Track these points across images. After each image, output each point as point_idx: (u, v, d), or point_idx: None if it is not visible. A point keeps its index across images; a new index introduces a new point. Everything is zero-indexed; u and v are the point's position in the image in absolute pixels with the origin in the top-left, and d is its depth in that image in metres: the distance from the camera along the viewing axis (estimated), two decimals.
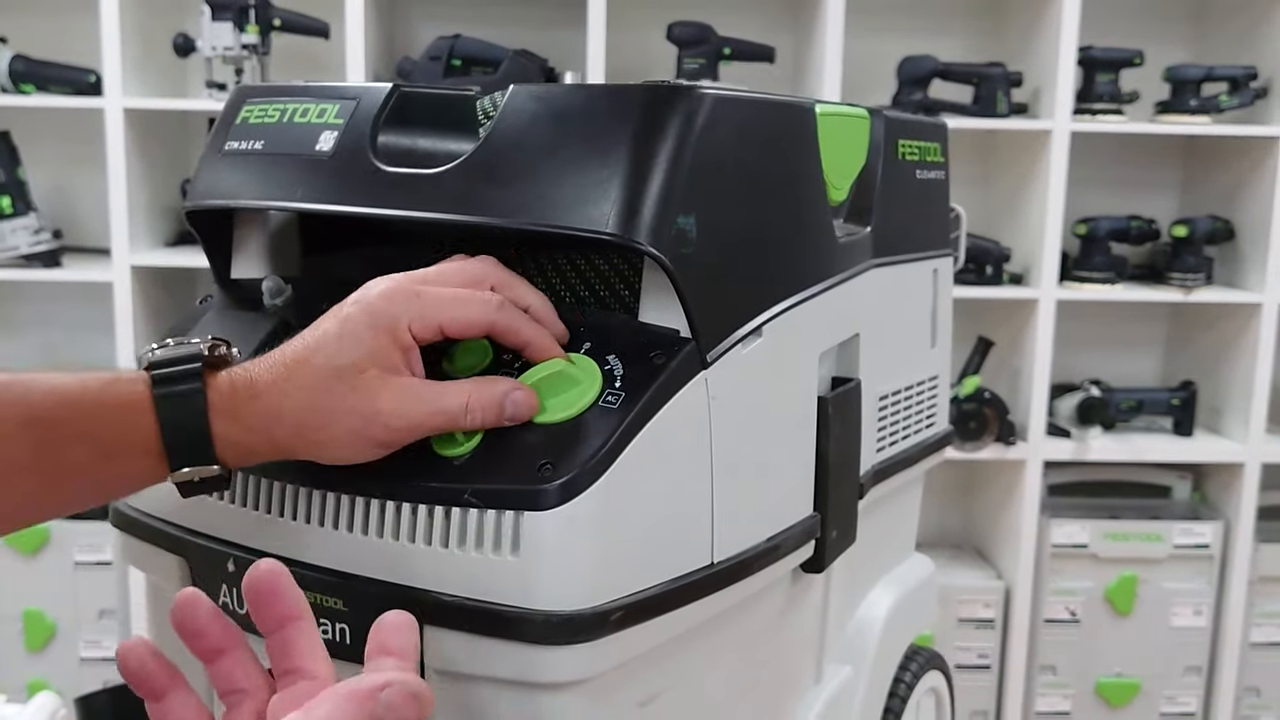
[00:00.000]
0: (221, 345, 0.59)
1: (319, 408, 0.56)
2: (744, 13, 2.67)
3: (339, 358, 0.57)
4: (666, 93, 0.61)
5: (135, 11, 2.40)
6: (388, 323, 0.57)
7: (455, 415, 0.58)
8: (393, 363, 0.57)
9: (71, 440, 0.55)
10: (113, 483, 0.58)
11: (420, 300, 0.58)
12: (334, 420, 0.57)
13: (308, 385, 0.56)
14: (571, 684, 0.58)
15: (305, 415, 0.56)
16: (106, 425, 0.56)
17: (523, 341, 0.61)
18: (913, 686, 0.91)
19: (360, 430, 0.57)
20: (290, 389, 0.56)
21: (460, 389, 0.59)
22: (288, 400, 0.56)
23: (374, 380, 0.57)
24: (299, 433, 0.57)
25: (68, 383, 0.56)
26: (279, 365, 0.57)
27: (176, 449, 0.56)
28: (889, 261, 0.82)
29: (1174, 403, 2.66)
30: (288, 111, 0.70)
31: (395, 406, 0.57)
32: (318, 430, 0.57)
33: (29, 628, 2.52)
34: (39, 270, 2.48)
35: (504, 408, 0.59)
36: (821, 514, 0.73)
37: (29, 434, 0.55)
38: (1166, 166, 2.81)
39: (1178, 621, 2.61)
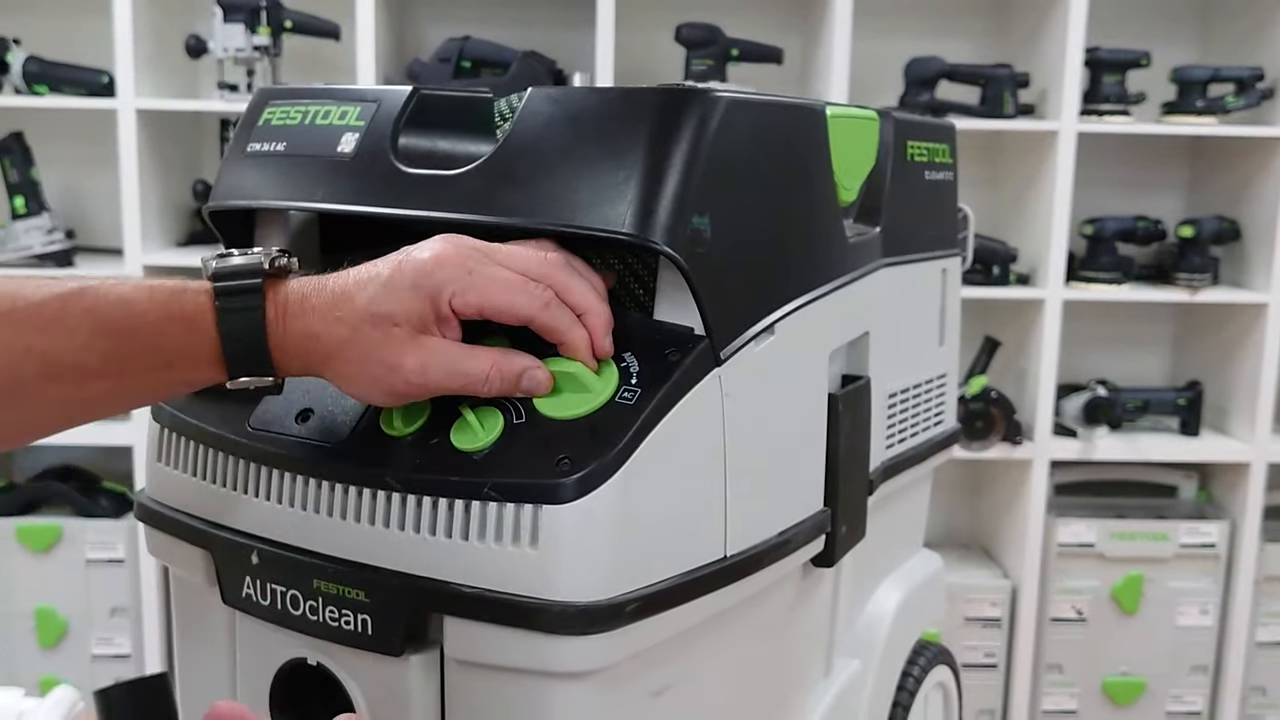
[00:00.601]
0: (282, 257, 0.61)
1: (351, 344, 0.59)
2: (752, 14, 2.68)
3: (377, 304, 0.59)
4: (681, 96, 0.63)
5: (148, 13, 2.42)
6: (430, 288, 0.59)
7: (476, 380, 0.60)
8: (426, 324, 0.59)
9: (140, 350, 0.59)
10: (175, 386, 0.62)
11: (470, 278, 0.60)
12: (361, 361, 0.59)
13: (346, 320, 0.59)
14: (587, 673, 0.59)
15: (336, 348, 0.59)
16: (172, 336, 0.59)
17: (562, 344, 0.62)
18: (921, 680, 0.92)
19: (382, 378, 0.60)
20: (330, 318, 0.59)
21: (486, 356, 0.60)
22: (326, 328, 0.59)
23: (403, 335, 0.59)
24: (330, 362, 0.60)
25: (137, 294, 0.59)
26: (328, 292, 0.60)
27: (236, 359, 0.60)
28: (898, 261, 0.83)
29: (1180, 402, 2.66)
30: (309, 114, 0.72)
31: (419, 364, 0.59)
32: (345, 364, 0.60)
33: (41, 625, 2.54)
34: (52, 270, 2.50)
35: (521, 381, 0.61)
36: (832, 509, 0.74)
37: (101, 342, 0.58)
38: (1173, 167, 2.81)
39: (1184, 621, 2.62)
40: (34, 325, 0.58)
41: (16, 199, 2.49)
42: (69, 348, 0.58)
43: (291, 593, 0.64)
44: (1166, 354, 2.89)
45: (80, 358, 0.58)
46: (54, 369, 0.58)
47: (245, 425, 0.66)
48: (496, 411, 0.61)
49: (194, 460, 0.69)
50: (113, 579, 2.54)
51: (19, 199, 2.49)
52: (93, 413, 0.62)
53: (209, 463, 0.68)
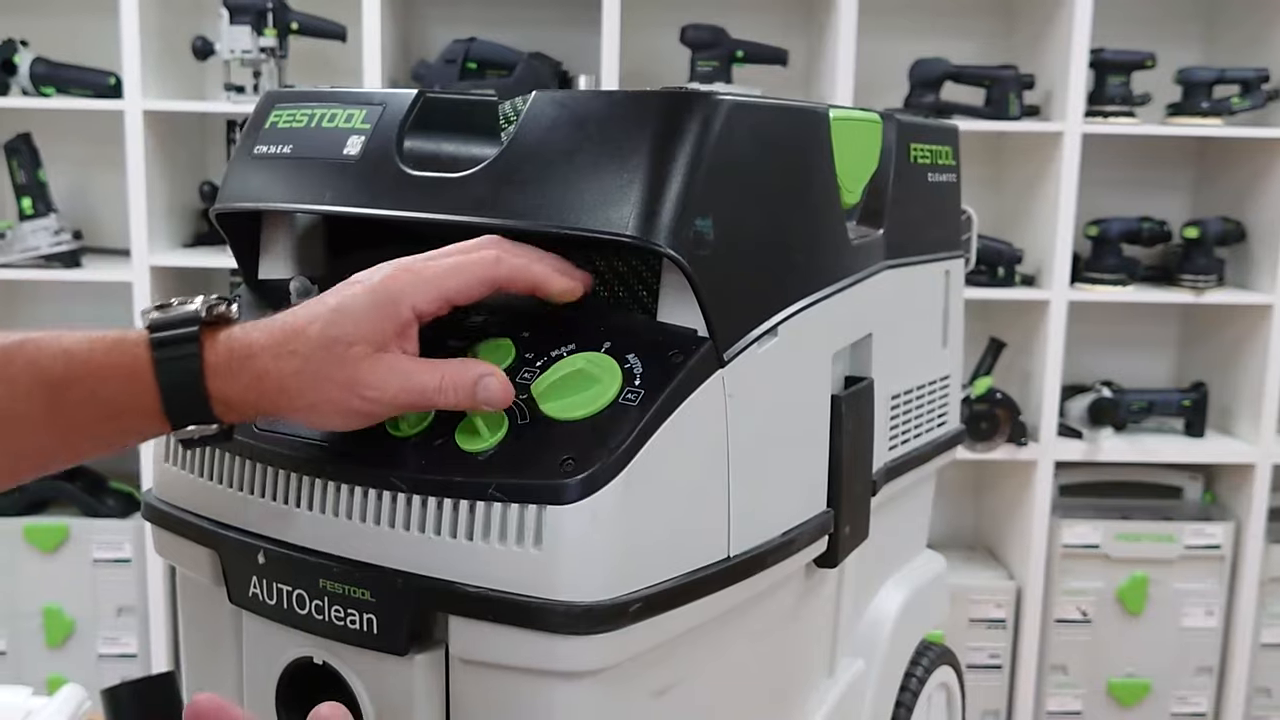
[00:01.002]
0: (220, 305, 0.61)
1: (305, 373, 0.59)
2: (757, 15, 2.68)
3: (331, 329, 0.59)
4: (684, 99, 0.63)
5: (155, 15, 2.42)
6: (387, 301, 0.60)
7: (429, 392, 0.60)
8: (383, 340, 0.59)
9: (81, 401, 0.58)
10: (120, 437, 0.61)
11: (420, 276, 0.61)
12: (318, 388, 0.59)
13: (299, 352, 0.59)
14: (590, 673, 0.60)
15: (292, 380, 0.59)
16: (112, 387, 0.58)
17: (532, 281, 0.63)
18: (924, 681, 0.92)
19: (340, 400, 0.59)
20: (283, 353, 0.59)
21: (436, 368, 0.61)
22: (278, 364, 0.59)
23: (360, 355, 0.59)
24: (286, 396, 0.59)
25: (77, 344, 0.59)
26: (276, 330, 0.60)
27: (176, 409, 0.59)
28: (901, 263, 0.83)
29: (1185, 404, 2.66)
30: (316, 116, 0.72)
31: (373, 379, 0.59)
32: (302, 396, 0.59)
33: (48, 624, 2.55)
34: (59, 270, 2.51)
35: (476, 391, 0.60)
36: (835, 510, 0.74)
37: (42, 394, 0.58)
38: (1178, 168, 2.81)
39: (1189, 622, 2.62)
40: None
41: (24, 200, 2.50)
42: (10, 398, 0.58)
43: (297, 592, 0.64)
44: (1171, 355, 2.89)
45: (22, 409, 0.58)
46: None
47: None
48: (501, 413, 0.62)
49: (201, 460, 0.69)
50: (119, 578, 2.55)
51: (26, 200, 2.50)
52: (37, 466, 0.61)
53: (216, 463, 0.68)
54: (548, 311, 0.68)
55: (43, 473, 0.61)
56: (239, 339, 0.60)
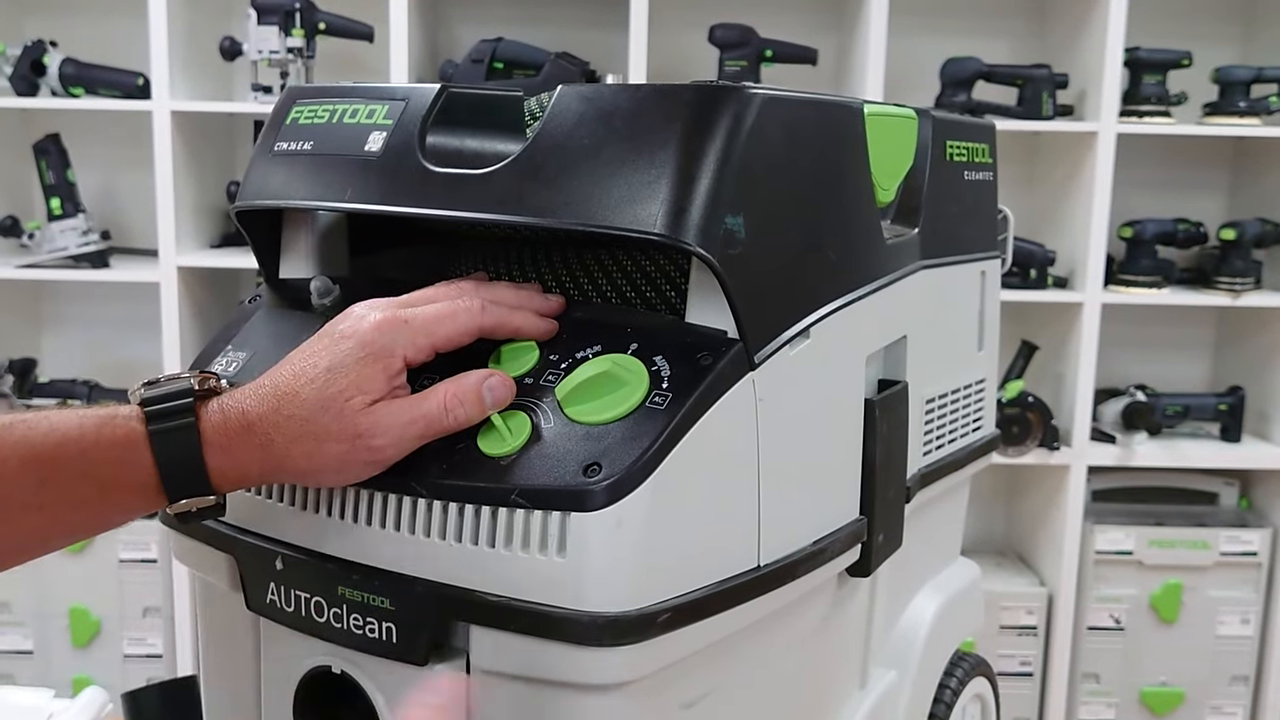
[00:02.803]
0: (211, 378, 0.61)
1: (306, 436, 0.58)
2: (786, 14, 2.66)
3: (327, 388, 0.58)
4: (715, 92, 0.61)
5: (183, 15, 2.43)
6: (379, 352, 0.59)
7: (435, 417, 0.59)
8: (377, 389, 0.59)
9: (73, 478, 0.57)
10: (112, 515, 0.60)
11: (410, 326, 0.60)
12: (320, 448, 0.58)
13: (297, 415, 0.58)
14: (617, 685, 0.58)
15: (294, 445, 0.58)
16: (105, 462, 0.57)
17: (514, 330, 0.64)
18: (958, 693, 0.90)
19: (345, 455, 0.59)
20: (280, 420, 0.58)
21: (436, 392, 0.60)
22: (277, 432, 0.58)
23: (358, 406, 0.58)
24: (289, 461, 0.59)
25: (67, 422, 0.57)
26: (269, 396, 0.59)
27: (173, 483, 0.58)
28: (937, 263, 0.81)
29: (1221, 408, 2.62)
30: (337, 112, 0.71)
31: (376, 427, 0.58)
32: (306, 458, 0.58)
33: (75, 625, 2.56)
34: (87, 270, 2.51)
35: (483, 396, 0.60)
36: (868, 518, 0.72)
37: (33, 472, 0.57)
38: (1214, 169, 2.77)
39: (1224, 630, 2.58)
40: None
41: (53, 200, 2.50)
42: (3, 478, 0.56)
43: (316, 599, 0.63)
44: (1207, 359, 2.85)
45: (11, 490, 0.56)
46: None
47: None
48: (524, 416, 0.60)
49: None
50: (145, 579, 2.55)
51: (55, 200, 2.50)
52: (26, 549, 0.59)
53: None
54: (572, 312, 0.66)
55: (34, 555, 0.60)
56: (232, 408, 0.59)
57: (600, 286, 0.69)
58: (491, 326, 0.63)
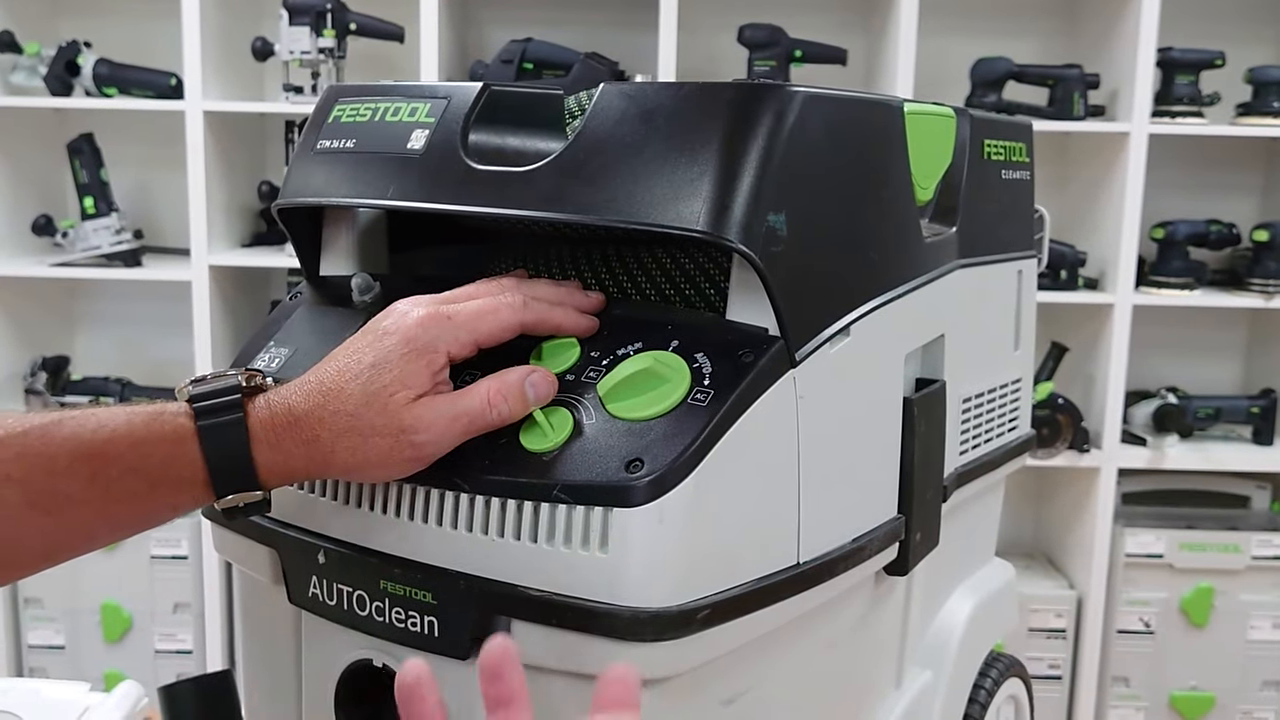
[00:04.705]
0: (257, 375, 0.61)
1: (351, 431, 0.59)
2: (815, 15, 2.65)
3: (372, 384, 0.59)
4: (757, 90, 0.61)
5: (215, 16, 2.44)
6: (423, 348, 0.60)
7: (479, 412, 0.60)
8: (421, 385, 0.59)
9: (123, 472, 0.58)
10: (160, 510, 0.60)
11: (453, 322, 0.61)
12: (366, 443, 0.59)
13: (342, 411, 0.59)
14: (658, 681, 0.58)
15: (339, 440, 0.59)
16: (155, 457, 0.58)
17: (555, 326, 0.64)
18: (993, 693, 0.90)
19: (390, 451, 0.59)
20: (325, 415, 0.59)
21: (479, 388, 0.60)
22: (322, 427, 0.59)
23: (402, 401, 0.59)
24: (335, 456, 0.59)
25: (115, 418, 0.58)
26: (315, 392, 0.59)
27: (222, 477, 0.59)
28: (974, 262, 0.81)
29: (1253, 411, 2.60)
30: (379, 111, 0.71)
31: (420, 423, 0.59)
32: (352, 453, 0.59)
33: (106, 620, 2.58)
34: (120, 269, 2.53)
35: (526, 393, 0.60)
36: (906, 516, 0.72)
37: (83, 468, 0.57)
38: (1247, 170, 2.75)
39: (1255, 634, 2.55)
40: (15, 453, 0.57)
41: (86, 199, 2.53)
42: (51, 474, 0.57)
43: (358, 593, 0.63)
44: (1239, 361, 2.82)
45: (62, 484, 0.57)
46: (36, 497, 0.57)
47: None
48: (566, 412, 0.60)
49: None
50: (176, 575, 2.57)
51: (89, 199, 2.53)
52: (76, 544, 0.60)
53: None
54: (614, 309, 0.67)
55: (81, 552, 0.60)
56: (279, 404, 0.59)
57: (640, 284, 0.69)
58: (533, 323, 0.63)
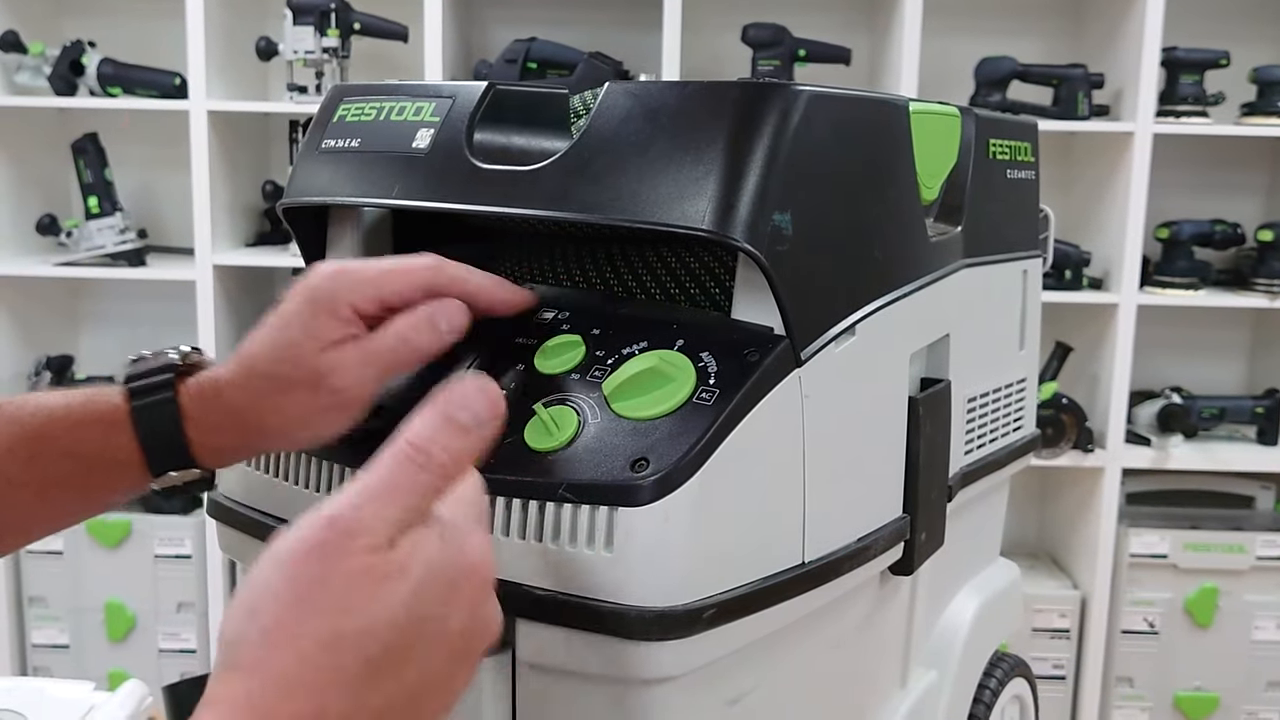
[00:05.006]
0: (195, 353, 0.62)
1: (271, 391, 0.59)
2: (818, 14, 2.65)
3: (280, 340, 0.60)
4: (762, 89, 0.61)
5: (219, 16, 2.45)
6: (325, 300, 0.60)
7: (391, 349, 0.60)
8: (329, 335, 0.59)
9: (60, 455, 0.58)
10: (99, 492, 0.61)
11: (354, 276, 0.61)
12: (287, 399, 0.59)
13: (259, 373, 0.59)
14: (663, 680, 0.58)
15: (263, 402, 0.59)
16: (90, 439, 0.59)
17: (471, 290, 0.63)
18: (998, 693, 0.90)
19: (311, 402, 0.59)
20: (245, 380, 0.60)
21: (389, 327, 0.60)
22: (244, 393, 0.59)
23: (311, 352, 0.59)
24: (262, 420, 0.60)
25: (53, 401, 0.59)
26: (234, 362, 0.60)
27: (156, 456, 0.59)
28: (979, 262, 0.81)
29: (1258, 411, 2.60)
30: (384, 110, 0.71)
31: (332, 368, 0.59)
32: (274, 413, 0.59)
33: (110, 619, 2.58)
34: (124, 269, 2.54)
35: (435, 321, 0.61)
36: (911, 516, 0.72)
37: (22, 450, 0.58)
38: (1252, 169, 2.74)
39: (1260, 635, 2.55)
40: None
41: (90, 199, 2.53)
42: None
43: None
44: (1244, 361, 2.82)
45: (2, 466, 0.58)
46: None
47: None
48: (571, 410, 0.60)
49: (267, 458, 0.68)
50: (180, 574, 2.57)
51: (93, 199, 2.53)
52: (18, 529, 0.60)
53: (282, 460, 0.67)
54: (619, 308, 0.67)
55: (20, 539, 0.61)
56: (208, 379, 0.60)
57: (645, 283, 0.69)
58: (444, 284, 0.62)
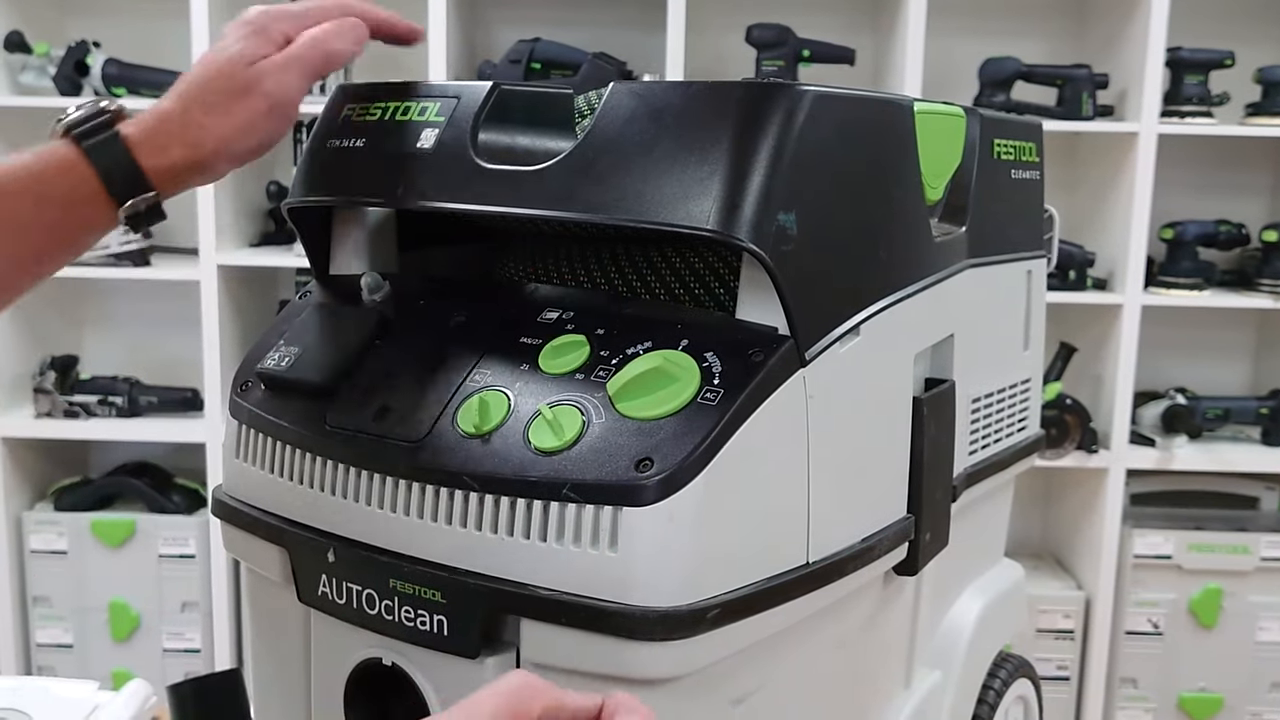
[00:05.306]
0: (117, 104, 0.68)
1: (213, 107, 0.67)
2: (823, 14, 2.65)
3: (216, 61, 0.68)
4: (767, 89, 0.61)
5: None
6: (258, 27, 0.69)
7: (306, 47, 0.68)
8: (259, 52, 0.68)
9: (32, 205, 0.65)
10: (73, 233, 0.68)
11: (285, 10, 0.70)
12: (228, 110, 0.67)
13: (198, 94, 0.67)
14: (667, 680, 0.58)
15: (206, 116, 0.67)
16: (55, 184, 0.66)
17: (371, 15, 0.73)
18: (1002, 694, 0.90)
19: (250, 109, 0.67)
20: (188, 104, 0.67)
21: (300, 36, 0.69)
22: (188, 114, 0.67)
23: (242, 65, 0.67)
24: (204, 133, 0.67)
25: (11, 162, 0.66)
26: (174, 93, 0.68)
27: (115, 186, 0.66)
28: (984, 262, 0.81)
29: (1262, 412, 2.59)
30: (389, 110, 0.71)
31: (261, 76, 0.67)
32: (218, 125, 0.67)
33: (114, 619, 2.58)
34: (129, 269, 2.54)
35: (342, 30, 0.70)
36: (915, 516, 0.72)
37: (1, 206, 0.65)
38: (1257, 170, 2.74)
39: (1264, 636, 2.55)
40: None
41: None
42: None
43: (367, 592, 0.63)
44: (1248, 362, 2.82)
45: None
46: None
47: (322, 423, 0.66)
48: (575, 411, 0.60)
49: (271, 458, 0.68)
50: (184, 574, 2.57)
51: None
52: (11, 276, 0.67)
53: (286, 460, 0.67)
54: (623, 308, 0.67)
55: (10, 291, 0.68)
56: (148, 114, 0.68)
57: (650, 283, 0.69)
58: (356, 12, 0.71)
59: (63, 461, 2.74)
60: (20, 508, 2.60)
